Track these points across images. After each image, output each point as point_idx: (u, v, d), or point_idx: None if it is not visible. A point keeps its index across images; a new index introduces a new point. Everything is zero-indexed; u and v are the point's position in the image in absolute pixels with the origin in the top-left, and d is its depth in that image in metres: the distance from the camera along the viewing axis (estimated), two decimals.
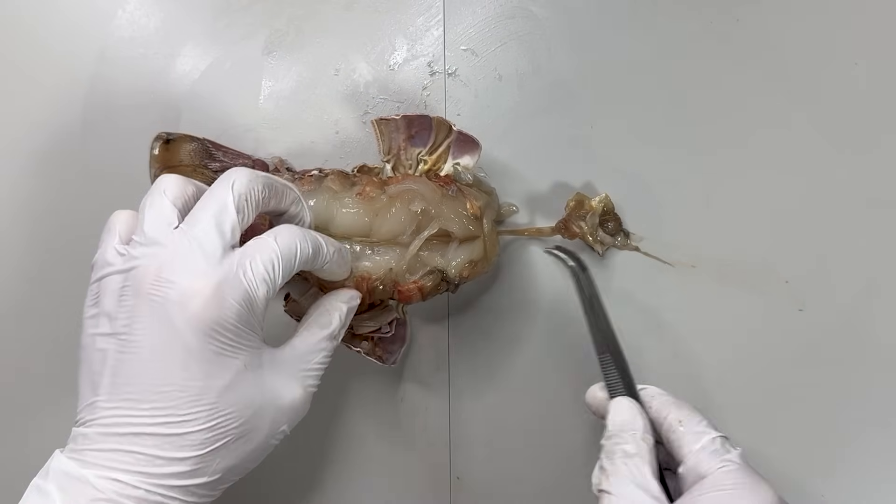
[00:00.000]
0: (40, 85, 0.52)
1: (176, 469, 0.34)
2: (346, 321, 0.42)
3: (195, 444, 0.34)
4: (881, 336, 0.50)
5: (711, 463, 0.36)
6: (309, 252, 0.38)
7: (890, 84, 0.52)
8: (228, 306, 0.34)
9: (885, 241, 0.51)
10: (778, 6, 0.52)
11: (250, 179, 0.37)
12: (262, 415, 0.36)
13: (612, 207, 0.50)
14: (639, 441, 0.37)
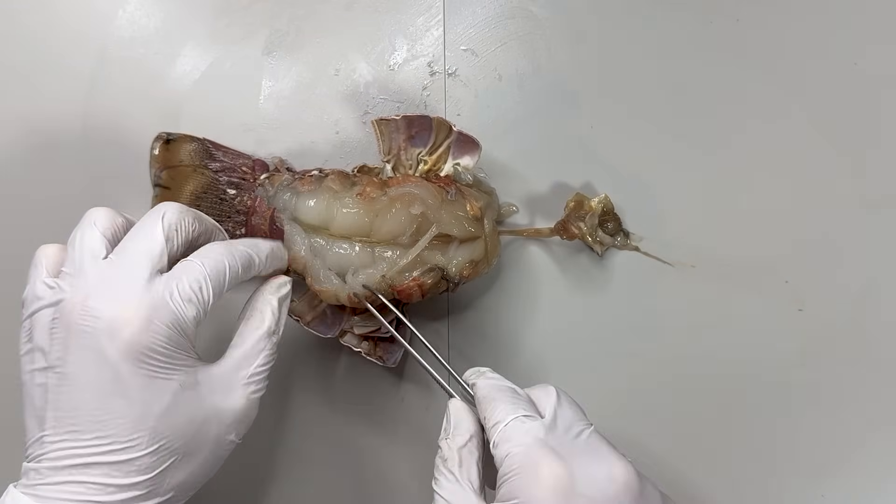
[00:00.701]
0: (40, 85, 0.52)
1: (128, 495, 0.34)
2: (281, 313, 0.41)
3: (142, 468, 0.34)
4: (881, 336, 0.50)
5: (499, 455, 0.36)
6: (238, 268, 0.38)
7: (890, 84, 0.52)
8: (157, 330, 0.35)
9: (885, 240, 0.51)
10: (778, 6, 0.52)
11: (180, 212, 0.38)
12: (205, 430, 0.36)
13: (612, 207, 0.50)
14: (448, 444, 0.38)
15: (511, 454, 0.35)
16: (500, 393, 0.38)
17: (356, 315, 0.48)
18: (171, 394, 0.35)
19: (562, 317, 0.51)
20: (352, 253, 0.46)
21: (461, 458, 0.37)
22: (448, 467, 0.37)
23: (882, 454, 0.49)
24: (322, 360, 0.51)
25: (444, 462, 0.37)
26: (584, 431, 0.37)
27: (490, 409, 0.37)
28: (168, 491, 0.36)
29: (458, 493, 0.36)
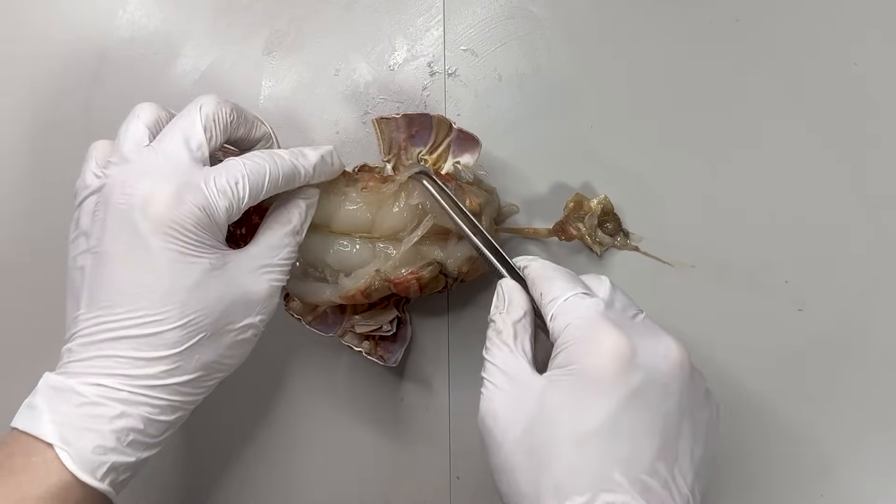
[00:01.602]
0: (41, 85, 0.52)
1: (155, 369, 0.35)
2: (307, 216, 0.42)
3: (171, 342, 0.35)
4: (881, 336, 0.50)
5: (558, 326, 0.36)
6: (279, 176, 0.39)
7: (890, 84, 0.52)
8: (187, 210, 0.36)
9: (885, 240, 0.51)
10: (778, 6, 0.53)
11: (218, 103, 0.39)
12: (232, 310, 0.37)
13: (612, 208, 0.50)
14: (503, 318, 0.38)
15: (572, 324, 0.35)
16: (556, 272, 0.39)
17: (357, 314, 0.48)
18: (201, 271, 0.36)
19: None
20: (352, 250, 0.46)
21: (516, 332, 0.37)
22: (503, 339, 0.37)
23: (882, 454, 0.49)
24: (323, 360, 0.51)
25: (498, 334, 0.38)
26: (638, 314, 0.38)
27: (547, 286, 0.38)
28: (196, 370, 0.36)
29: (511, 361, 0.36)
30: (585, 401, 0.34)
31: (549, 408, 0.34)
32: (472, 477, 0.51)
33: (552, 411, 0.34)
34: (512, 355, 0.37)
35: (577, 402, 0.34)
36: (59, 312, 0.38)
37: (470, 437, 0.51)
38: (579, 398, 0.34)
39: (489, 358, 0.37)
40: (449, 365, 0.52)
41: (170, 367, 0.35)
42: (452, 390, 0.51)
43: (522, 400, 0.35)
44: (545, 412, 0.34)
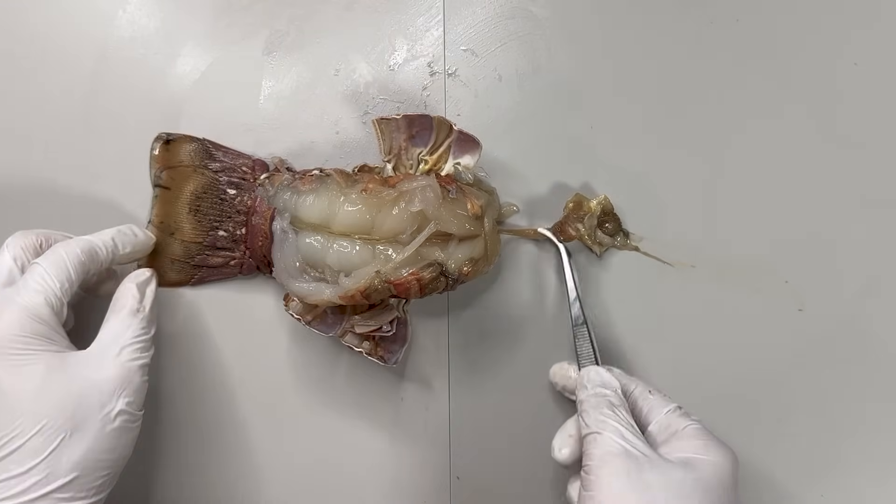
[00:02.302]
0: (41, 85, 0.52)
1: (28, 482, 0.36)
2: (144, 295, 0.44)
3: (34, 451, 0.36)
4: (881, 336, 0.50)
5: (685, 421, 0.41)
6: (78, 254, 0.42)
7: (889, 84, 0.52)
8: (9, 323, 0.38)
9: (885, 240, 0.51)
10: (778, 6, 0.52)
11: (23, 235, 0.43)
12: (86, 403, 0.38)
13: (612, 208, 0.50)
14: (620, 395, 0.43)
15: (695, 427, 0.41)
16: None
17: (357, 315, 0.48)
18: (40, 375, 0.37)
19: (562, 316, 0.51)
20: (352, 251, 0.46)
21: (626, 409, 0.42)
22: (622, 412, 0.41)
23: (882, 454, 0.49)
24: (323, 360, 0.51)
25: (615, 407, 0.41)
26: None
27: (654, 388, 0.44)
28: (70, 471, 0.37)
29: (629, 432, 0.40)
30: (717, 490, 0.38)
31: (688, 482, 0.37)
32: (472, 477, 0.51)
33: (691, 485, 0.37)
34: (636, 427, 0.40)
35: (710, 489, 0.38)
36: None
37: (470, 437, 0.51)
38: (713, 486, 0.38)
39: (613, 421, 0.40)
40: (449, 365, 0.52)
41: (40, 477, 0.36)
42: (452, 390, 0.52)
43: (646, 469, 0.38)
44: (684, 484, 0.37)
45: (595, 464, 0.38)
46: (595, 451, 0.39)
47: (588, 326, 0.47)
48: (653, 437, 0.41)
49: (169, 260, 0.50)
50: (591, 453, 0.39)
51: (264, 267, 0.50)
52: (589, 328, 0.47)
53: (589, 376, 0.44)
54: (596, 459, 0.39)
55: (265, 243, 0.48)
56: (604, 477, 0.38)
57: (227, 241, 0.50)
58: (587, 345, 0.47)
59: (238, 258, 0.50)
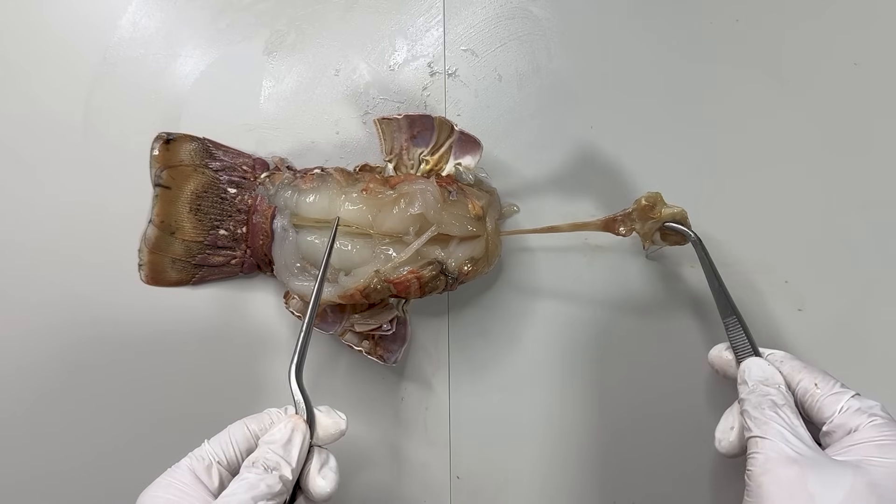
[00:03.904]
0: (42, 86, 0.52)
1: None
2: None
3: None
4: (880, 336, 0.50)
5: (860, 419, 0.38)
6: (264, 489, 0.37)
7: (889, 84, 0.52)
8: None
9: (885, 241, 0.51)
10: (777, 7, 0.53)
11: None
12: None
13: (687, 223, 0.47)
14: (784, 393, 0.40)
15: (876, 423, 0.37)
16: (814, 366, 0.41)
17: (356, 313, 0.48)
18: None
19: (562, 317, 0.51)
20: (352, 250, 0.46)
21: (791, 408, 0.39)
22: (786, 410, 0.39)
23: None
24: (323, 360, 0.51)
25: (778, 407, 0.39)
26: None
27: (822, 377, 0.40)
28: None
29: (802, 431, 0.38)
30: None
31: (859, 488, 0.35)
32: (472, 477, 0.51)
33: (862, 492, 0.35)
34: (802, 426, 0.38)
35: (887, 492, 0.35)
36: None
37: (470, 437, 0.51)
38: (891, 488, 0.35)
39: (776, 423, 0.38)
40: (449, 365, 0.52)
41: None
42: (452, 390, 0.51)
43: (811, 477, 0.35)
44: (855, 491, 0.35)
45: (757, 470, 0.36)
46: (757, 457, 0.37)
47: (739, 316, 0.44)
48: (828, 436, 0.39)
49: (170, 259, 0.50)
50: (753, 458, 0.37)
51: (265, 265, 0.50)
52: (740, 317, 0.44)
53: (750, 371, 0.41)
54: (758, 466, 0.37)
55: (266, 242, 0.48)
56: (765, 486, 0.36)
57: (227, 239, 0.50)
58: (741, 336, 0.43)
59: (239, 257, 0.50)
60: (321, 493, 0.39)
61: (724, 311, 0.44)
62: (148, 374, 0.51)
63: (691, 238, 0.46)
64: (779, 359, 0.42)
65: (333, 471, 0.39)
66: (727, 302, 0.44)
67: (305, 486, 0.39)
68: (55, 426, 0.51)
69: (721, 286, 0.45)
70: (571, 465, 0.51)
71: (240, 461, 0.38)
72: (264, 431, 0.39)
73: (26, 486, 0.51)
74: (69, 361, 0.51)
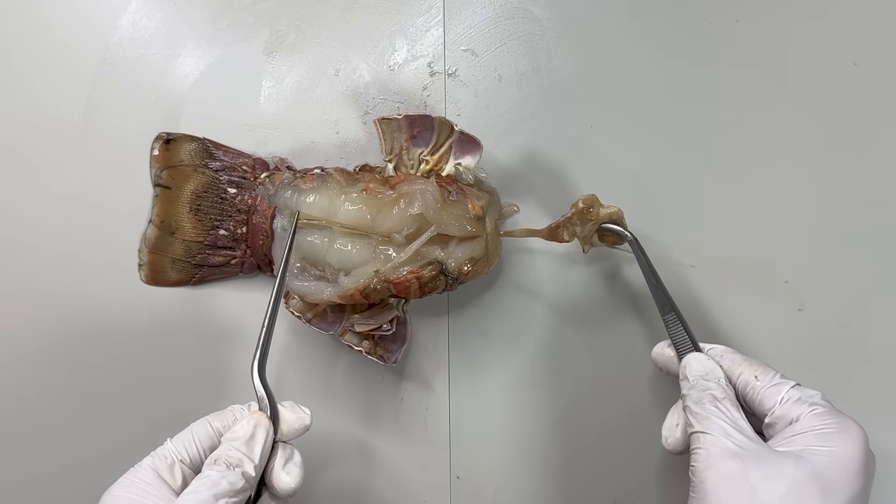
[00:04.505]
0: (42, 85, 0.52)
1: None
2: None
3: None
4: (880, 336, 0.50)
5: (800, 408, 0.38)
6: (227, 487, 0.36)
7: (889, 85, 0.52)
8: None
9: (884, 241, 0.51)
10: (777, 6, 0.53)
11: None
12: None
13: (623, 222, 0.47)
14: (724, 387, 0.40)
15: (817, 412, 0.38)
16: (750, 359, 0.42)
17: (357, 313, 0.48)
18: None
19: (561, 317, 0.51)
20: (352, 250, 0.46)
21: (731, 402, 0.39)
22: (726, 405, 0.39)
23: (882, 454, 0.49)
24: (323, 360, 0.51)
25: (718, 401, 0.39)
26: None
27: (762, 369, 0.40)
28: None
29: (743, 424, 0.38)
30: (839, 480, 0.35)
31: (801, 478, 0.35)
32: (472, 477, 0.51)
33: (804, 482, 0.35)
34: (742, 419, 0.38)
35: (829, 481, 0.35)
36: None
37: (470, 437, 0.51)
38: (833, 478, 0.35)
39: (717, 417, 0.38)
40: (449, 365, 0.52)
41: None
42: (452, 390, 0.51)
43: (753, 470, 0.36)
44: (797, 481, 0.35)
45: (699, 466, 0.37)
46: (699, 452, 0.37)
47: (678, 312, 0.44)
48: (770, 427, 0.39)
49: (170, 259, 0.50)
50: (696, 454, 0.37)
51: (265, 266, 0.50)
52: (679, 314, 0.44)
53: (690, 366, 0.41)
54: (700, 461, 0.37)
55: (266, 242, 0.48)
56: (708, 481, 0.36)
57: (227, 239, 0.50)
58: (681, 332, 0.43)
59: (239, 257, 0.50)
60: (285, 489, 0.39)
61: (664, 308, 0.44)
62: (148, 374, 0.51)
63: (627, 238, 0.46)
64: (719, 353, 0.42)
65: (298, 466, 0.39)
66: (665, 299, 0.44)
67: (270, 482, 0.39)
68: (55, 425, 0.51)
69: (658, 283, 0.45)
70: (572, 464, 0.51)
71: (203, 459, 0.38)
72: (227, 428, 0.39)
73: (27, 485, 0.51)
74: (68, 361, 0.51)
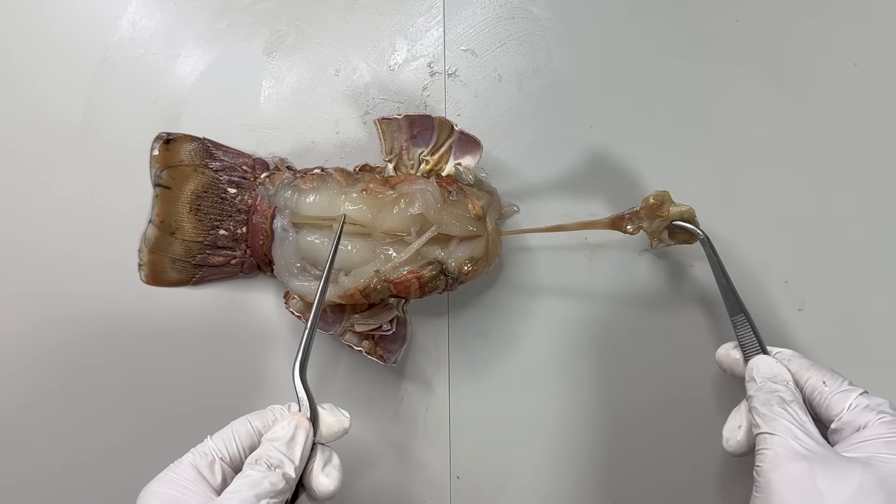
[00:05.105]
0: (42, 85, 0.52)
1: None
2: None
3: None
4: (880, 336, 0.50)
5: (868, 416, 0.38)
6: (268, 487, 0.36)
7: (888, 85, 0.52)
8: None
9: (884, 241, 0.51)
10: (777, 6, 0.53)
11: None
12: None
13: (695, 221, 0.47)
14: (793, 389, 0.40)
15: (885, 420, 0.37)
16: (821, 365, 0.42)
17: (357, 313, 0.48)
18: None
19: (562, 316, 0.51)
20: (352, 250, 0.46)
21: (799, 405, 0.39)
22: (794, 407, 0.39)
23: None
24: (323, 360, 0.51)
25: (787, 403, 0.39)
26: None
27: (829, 375, 0.40)
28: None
29: (811, 427, 0.38)
30: None
31: (868, 484, 0.35)
32: (472, 477, 0.51)
33: (871, 488, 0.35)
34: (810, 422, 0.38)
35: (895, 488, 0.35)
36: None
37: (470, 437, 0.51)
38: (887, 490, 0.35)
39: (784, 419, 0.38)
40: (449, 365, 0.52)
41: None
42: (452, 390, 0.51)
43: (820, 474, 0.35)
44: (863, 487, 0.35)
45: (766, 467, 0.37)
46: (766, 453, 0.37)
47: (747, 314, 0.43)
48: (836, 433, 0.39)
49: (170, 259, 0.50)
50: (762, 455, 0.37)
51: (265, 265, 0.50)
52: (748, 315, 0.43)
53: (758, 368, 0.41)
54: (766, 462, 0.37)
55: (266, 242, 0.48)
56: (773, 482, 0.36)
57: (227, 239, 0.50)
58: (749, 333, 0.43)
59: (239, 257, 0.50)
60: (324, 492, 0.38)
61: (732, 308, 0.44)
62: (148, 374, 0.51)
63: (699, 236, 0.46)
64: (787, 357, 0.42)
65: (337, 469, 0.39)
66: (735, 300, 0.44)
67: (308, 484, 0.39)
68: (56, 425, 0.51)
69: (729, 284, 0.45)
70: (572, 464, 0.51)
71: (243, 458, 0.38)
72: (267, 428, 0.39)
73: (28, 486, 0.51)
74: (69, 361, 0.51)
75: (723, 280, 0.45)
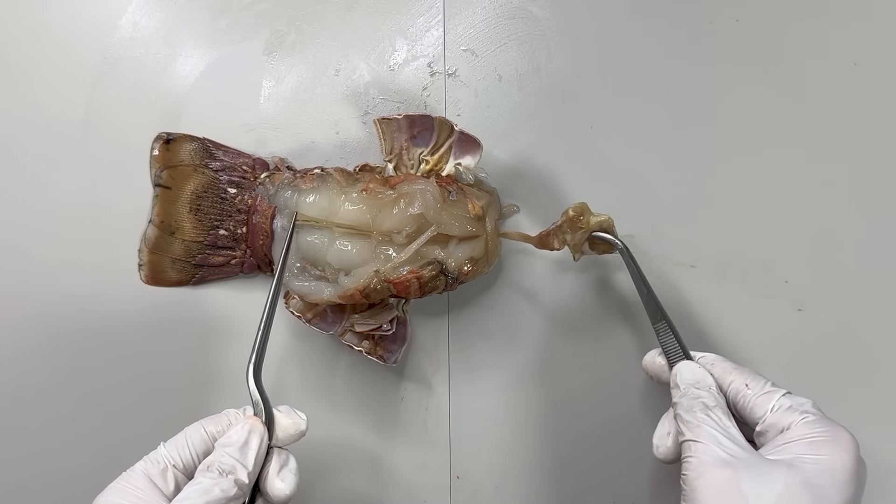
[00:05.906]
0: (42, 86, 0.52)
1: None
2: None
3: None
4: (880, 336, 0.50)
5: (791, 416, 0.38)
6: (219, 494, 0.36)
7: (889, 84, 0.52)
8: None
9: (884, 241, 0.51)
10: (777, 6, 0.53)
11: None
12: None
13: (613, 231, 0.47)
14: (715, 394, 0.40)
15: (808, 420, 0.37)
16: (741, 367, 0.42)
17: (357, 313, 0.48)
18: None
19: (561, 316, 0.51)
20: (352, 250, 0.46)
21: (722, 410, 0.39)
22: (718, 413, 0.39)
23: (882, 454, 0.49)
24: (323, 360, 0.51)
25: (709, 409, 0.39)
26: None
27: (752, 377, 0.40)
28: None
29: (734, 432, 0.38)
30: (830, 489, 0.35)
31: (793, 486, 0.35)
32: (472, 476, 0.51)
33: (796, 490, 0.35)
34: (733, 427, 0.38)
35: (821, 490, 0.35)
36: None
37: (470, 437, 0.51)
38: (824, 486, 0.35)
39: (708, 426, 0.38)
40: (449, 365, 0.52)
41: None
42: (452, 390, 0.51)
43: (744, 479, 0.35)
44: (788, 489, 0.35)
45: (691, 475, 0.37)
46: (690, 461, 0.37)
47: (668, 321, 0.44)
48: (762, 435, 0.39)
49: (170, 259, 0.50)
50: (687, 462, 0.37)
51: (265, 266, 0.50)
52: (670, 322, 0.44)
53: (681, 374, 0.41)
54: (692, 470, 0.37)
55: (266, 242, 0.48)
56: (699, 490, 0.36)
57: (227, 240, 0.50)
58: (671, 340, 0.43)
59: (239, 257, 0.50)
60: (279, 496, 0.38)
61: (654, 316, 0.44)
62: (147, 374, 0.51)
63: (618, 246, 0.46)
64: (710, 361, 0.42)
65: (293, 472, 0.39)
66: (657, 307, 0.44)
67: (264, 489, 0.38)
68: (53, 425, 0.51)
69: (650, 292, 0.45)
70: (571, 465, 0.51)
71: (196, 464, 0.38)
72: (222, 433, 0.39)
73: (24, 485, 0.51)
74: (68, 361, 0.51)
75: (643, 288, 0.45)
